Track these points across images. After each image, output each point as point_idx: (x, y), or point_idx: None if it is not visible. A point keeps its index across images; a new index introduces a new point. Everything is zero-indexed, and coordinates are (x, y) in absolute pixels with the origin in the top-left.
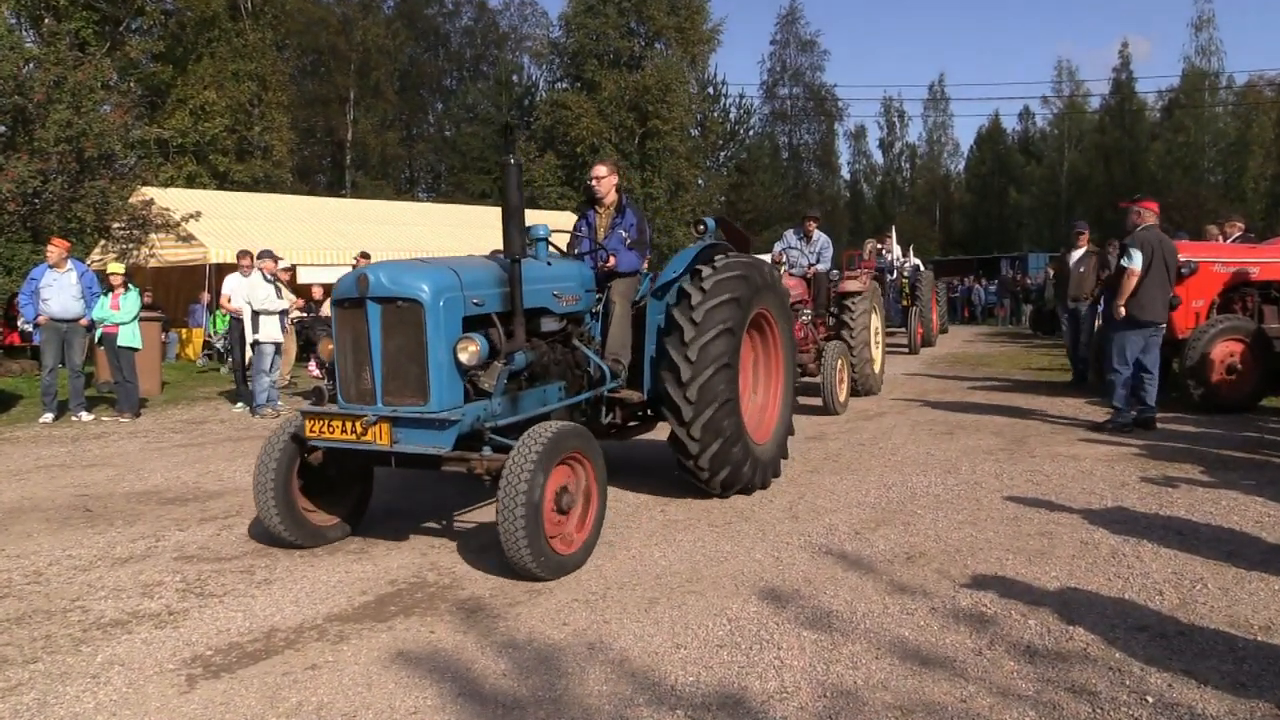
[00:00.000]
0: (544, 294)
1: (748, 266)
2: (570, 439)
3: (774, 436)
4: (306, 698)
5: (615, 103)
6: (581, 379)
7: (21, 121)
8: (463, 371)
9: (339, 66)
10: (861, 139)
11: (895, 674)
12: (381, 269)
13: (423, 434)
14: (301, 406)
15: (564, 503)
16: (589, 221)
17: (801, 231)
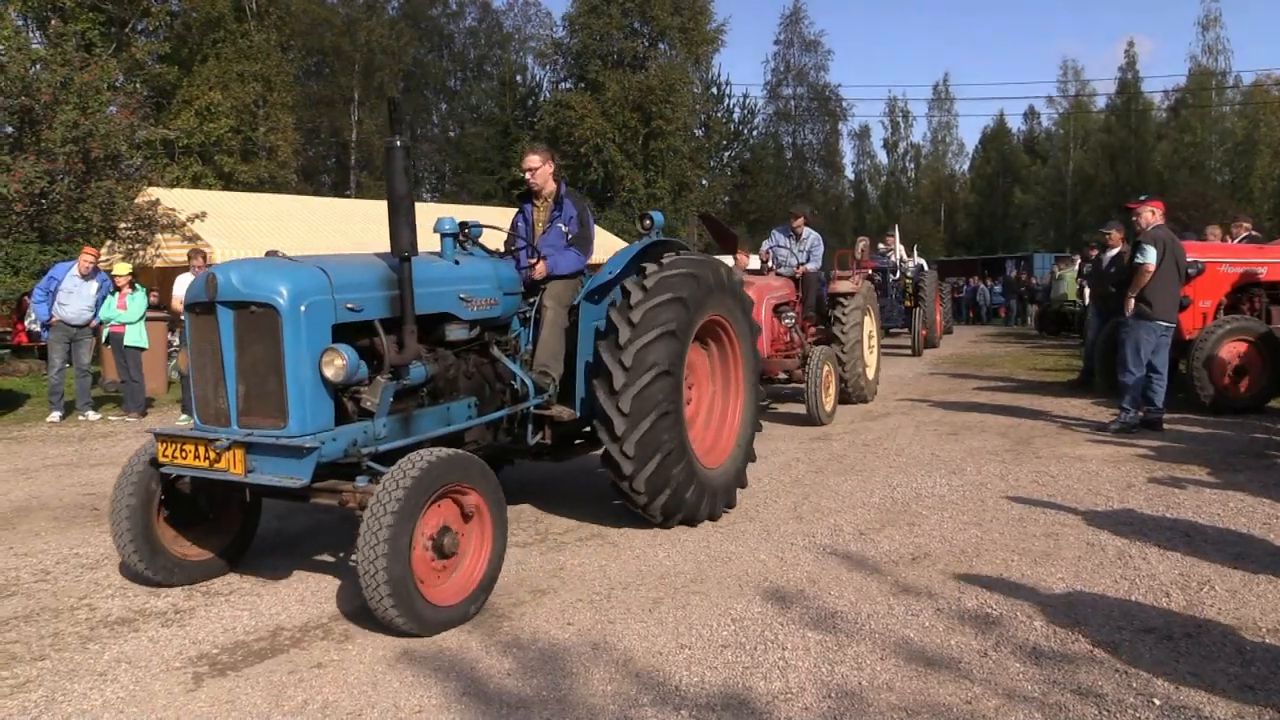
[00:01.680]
0: (447, 297)
1: (699, 265)
2: (452, 468)
3: (730, 462)
4: (312, 696)
5: (619, 103)
6: (502, 394)
7: (29, 122)
8: (334, 389)
9: (343, 67)
10: (866, 139)
11: (900, 675)
12: (234, 267)
13: (279, 462)
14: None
15: (445, 545)
16: (526, 217)
17: (789, 229)
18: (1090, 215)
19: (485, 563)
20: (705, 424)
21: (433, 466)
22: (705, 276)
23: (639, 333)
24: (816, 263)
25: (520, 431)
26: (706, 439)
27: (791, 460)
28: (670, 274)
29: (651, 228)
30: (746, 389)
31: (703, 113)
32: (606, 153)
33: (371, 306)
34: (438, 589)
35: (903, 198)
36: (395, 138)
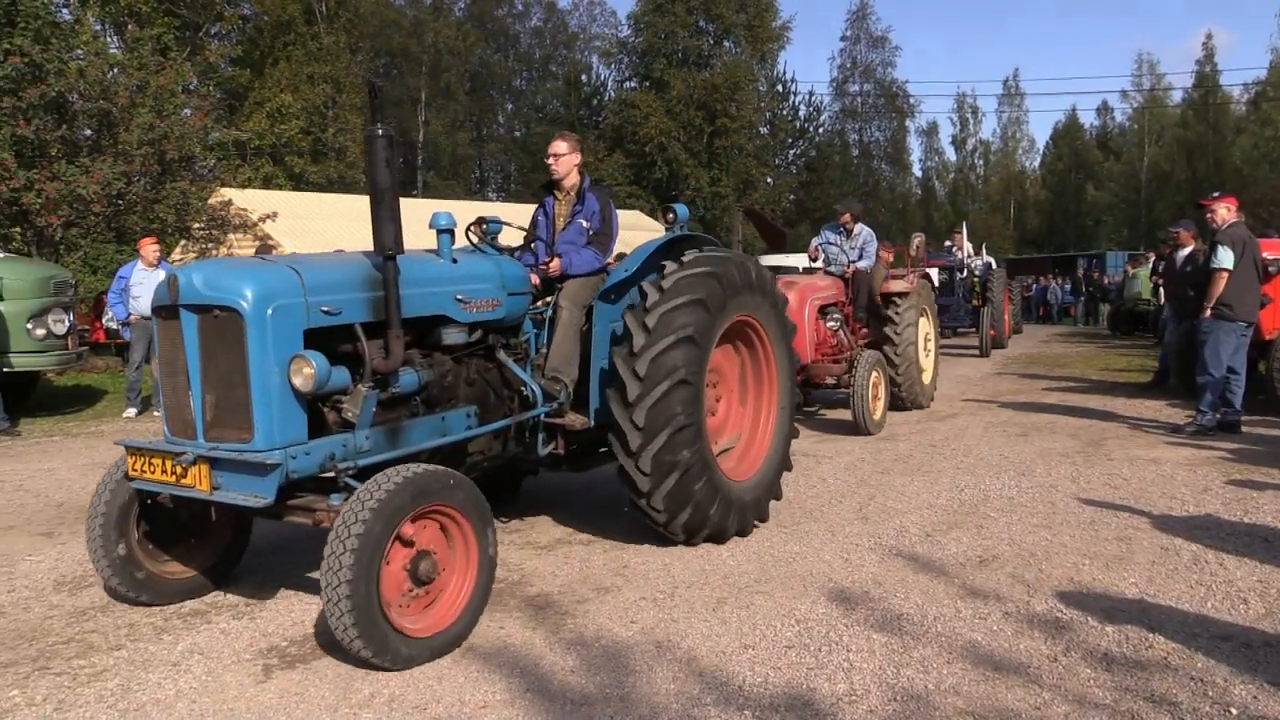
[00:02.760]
0: (442, 298)
1: (723, 263)
2: (429, 487)
3: (761, 474)
4: (378, 689)
5: (684, 101)
6: (509, 402)
7: (106, 125)
8: (307, 398)
9: (411, 68)
10: (934, 136)
11: (967, 679)
12: (198, 268)
13: (244, 479)
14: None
15: (422, 570)
16: (547, 210)
17: (840, 226)
18: (1166, 212)
19: (470, 590)
20: (734, 432)
21: (406, 484)
22: (729, 275)
23: (654, 339)
24: (869, 260)
25: (531, 441)
26: (735, 449)
27: (857, 460)
28: (690, 273)
29: (675, 221)
30: (780, 395)
31: (768, 110)
32: (671, 151)
33: (351, 309)
34: (414, 618)
35: (971, 195)
36: (377, 126)
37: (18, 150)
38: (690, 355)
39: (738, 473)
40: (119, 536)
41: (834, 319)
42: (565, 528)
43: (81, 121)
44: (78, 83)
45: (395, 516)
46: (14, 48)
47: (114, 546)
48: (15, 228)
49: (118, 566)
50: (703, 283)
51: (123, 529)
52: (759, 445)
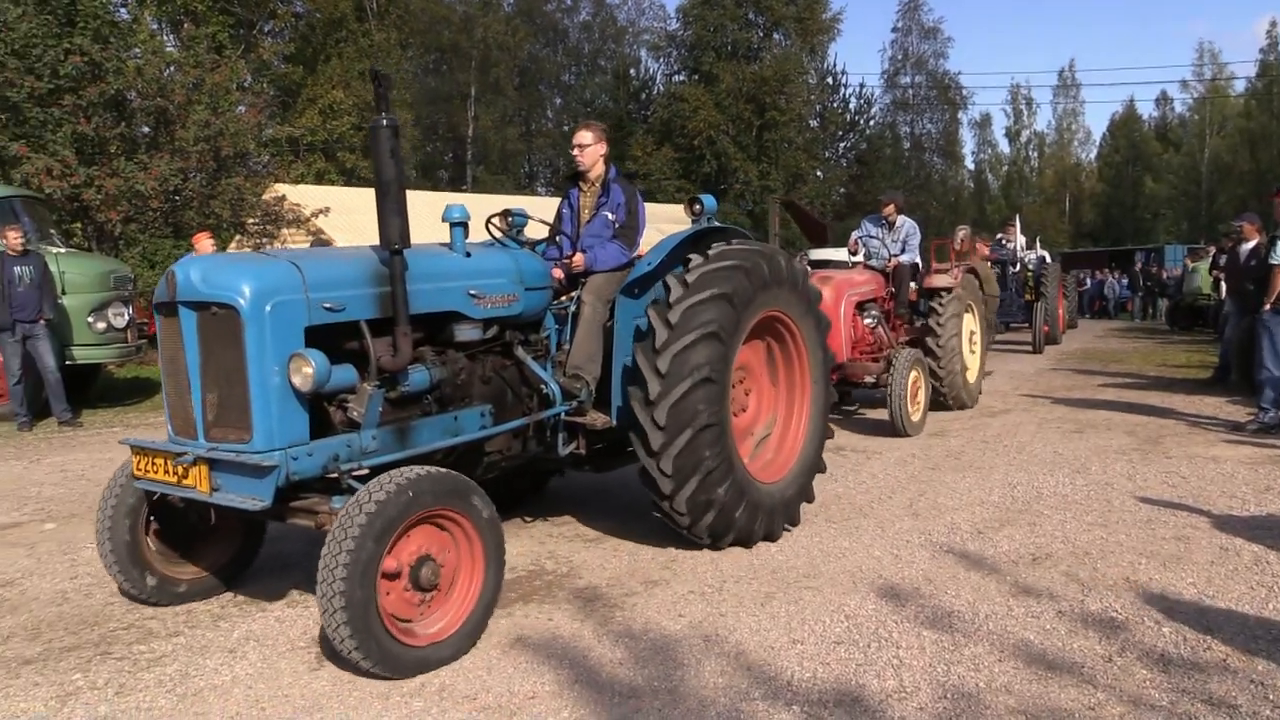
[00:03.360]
0: (454, 293)
1: (750, 256)
2: (432, 490)
3: (791, 475)
4: (429, 679)
5: (733, 94)
6: (528, 400)
7: (163, 122)
8: (312, 398)
9: (460, 64)
10: (987, 128)
11: (1019, 678)
12: (195, 264)
13: (242, 481)
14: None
15: (424, 576)
16: (571, 203)
17: (881, 218)
18: (1227, 204)
19: (475, 597)
20: (764, 431)
21: (406, 487)
22: (757, 268)
23: (677, 335)
24: (912, 254)
25: (552, 441)
26: (765, 450)
27: (907, 456)
28: (715, 267)
29: (702, 213)
30: (813, 394)
31: (818, 103)
32: (720, 145)
33: (356, 305)
34: (415, 626)
35: (1025, 188)
36: (382, 116)
37: (78, 148)
38: (714, 352)
39: (767, 474)
40: (128, 536)
41: (871, 315)
42: (613, 521)
43: (139, 119)
44: (136, 81)
45: (393, 522)
46: (74, 47)
47: (122, 546)
48: (76, 223)
49: (126, 566)
50: (728, 277)
51: (131, 529)
52: (790, 446)
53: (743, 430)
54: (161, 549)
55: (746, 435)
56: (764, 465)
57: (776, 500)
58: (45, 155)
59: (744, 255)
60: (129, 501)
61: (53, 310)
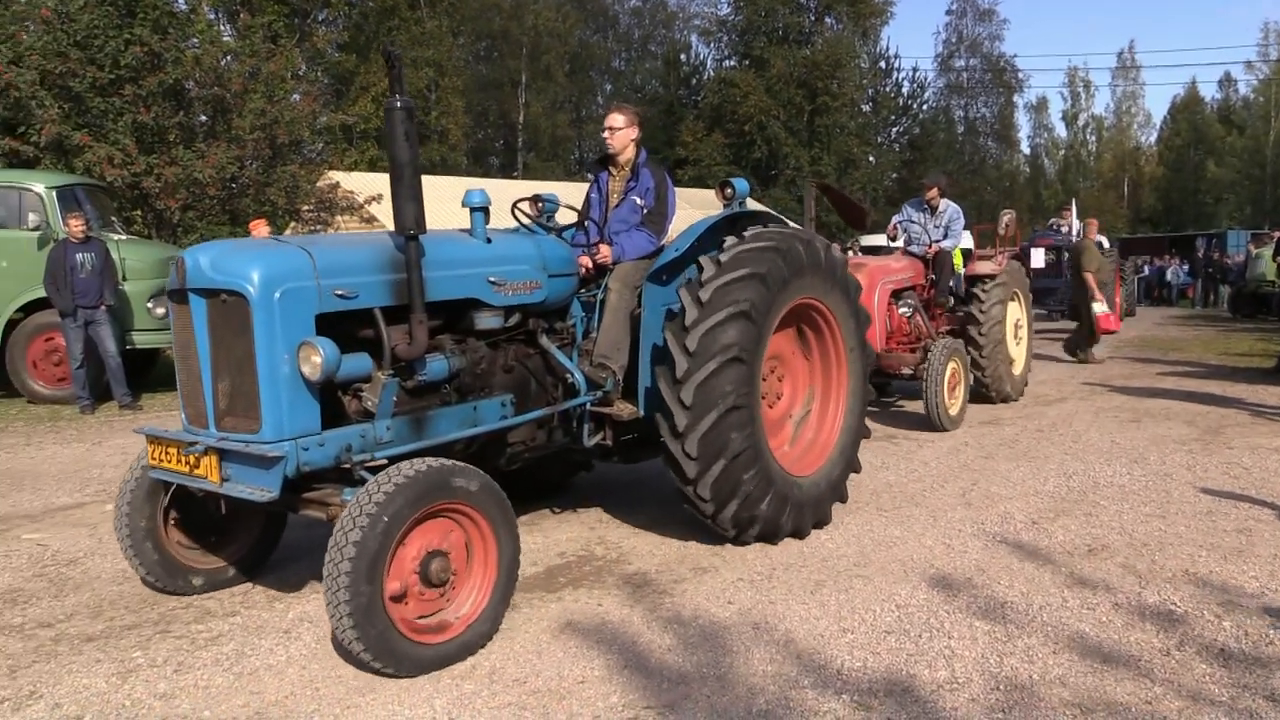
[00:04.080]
0: (473, 280)
1: (786, 239)
2: (443, 483)
3: (824, 471)
4: (480, 661)
5: (784, 79)
6: (553, 390)
7: (220, 111)
8: (318, 386)
9: (511, 51)
10: (1043, 111)
11: (1074, 670)
12: (205, 250)
13: (251, 472)
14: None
15: (434, 572)
16: (600, 187)
17: (922, 203)
18: None
19: (488, 593)
20: (797, 423)
21: (415, 480)
22: (793, 251)
23: (707, 313)
24: (955, 239)
25: (577, 431)
26: (798, 442)
27: (960, 444)
28: (750, 247)
29: (733, 197)
30: (851, 388)
31: (870, 87)
32: (770, 130)
33: (369, 293)
34: (425, 622)
35: (1082, 172)
36: (396, 98)
37: (138, 137)
38: (745, 332)
39: (798, 467)
40: (145, 526)
41: (906, 304)
42: (663, 508)
43: (197, 108)
44: (194, 70)
45: (400, 515)
46: (134, 37)
47: (140, 536)
48: (136, 210)
49: (144, 557)
50: (763, 257)
51: (149, 518)
52: (824, 440)
53: (775, 421)
54: (181, 539)
55: (780, 426)
56: (796, 458)
57: (807, 495)
58: (106, 144)
59: (780, 238)
60: (147, 490)
61: (114, 296)
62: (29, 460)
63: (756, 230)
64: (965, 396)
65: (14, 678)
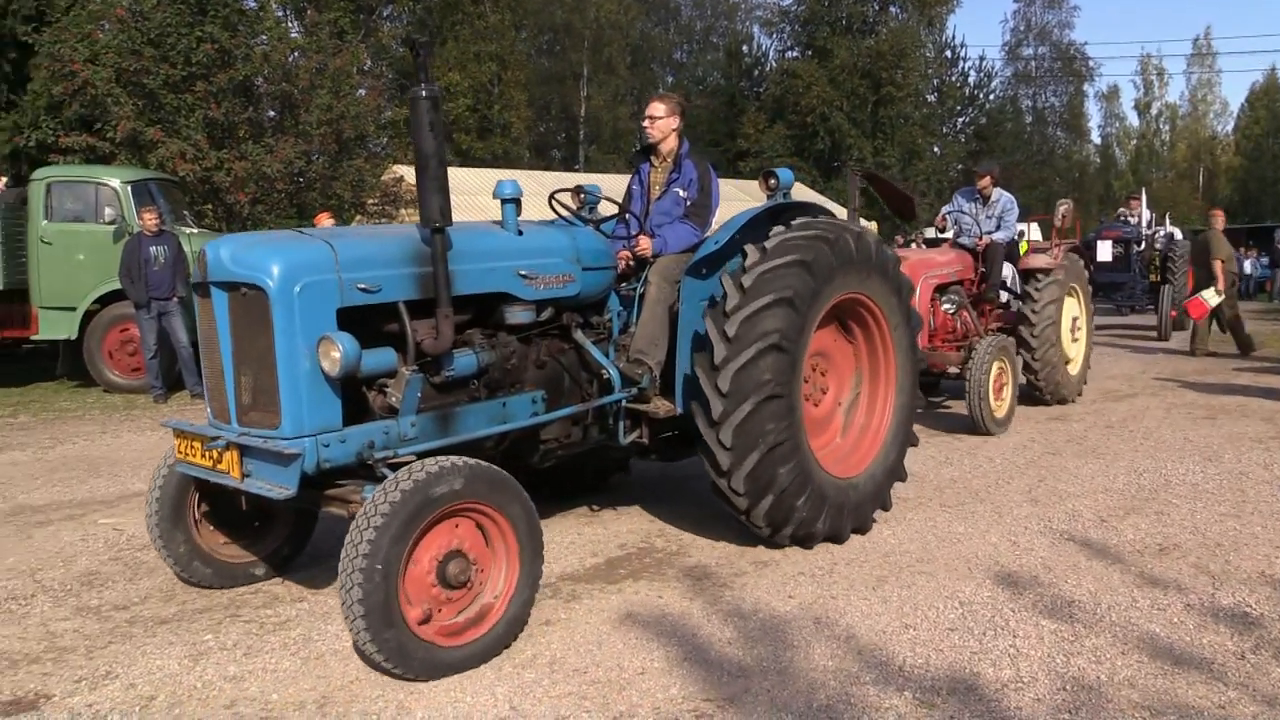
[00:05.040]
0: (503, 273)
1: (833, 229)
2: (462, 482)
3: (868, 474)
4: (541, 651)
5: (847, 70)
6: (588, 386)
7: (288, 106)
8: (338, 382)
9: (573, 44)
10: (1114, 100)
11: (1144, 672)
12: (226, 242)
13: (270, 468)
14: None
15: (451, 573)
16: (642, 179)
17: (974, 192)
18: None
19: (509, 596)
20: (842, 422)
21: (432, 479)
22: (841, 242)
23: (749, 299)
24: (1008, 231)
25: (614, 429)
26: (842, 443)
27: (1026, 440)
28: (796, 235)
29: (777, 188)
30: (899, 389)
31: (935, 77)
32: (833, 121)
33: (393, 286)
34: (443, 625)
35: (1155, 163)
36: (421, 87)
37: (209, 132)
38: (788, 319)
39: (841, 468)
40: (174, 519)
41: (949, 300)
42: None
43: (266, 104)
44: (263, 67)
45: (419, 513)
46: (205, 35)
47: (170, 528)
48: (207, 205)
49: (174, 550)
50: (809, 245)
51: (179, 509)
52: (869, 442)
53: (820, 419)
54: (211, 532)
55: (824, 424)
56: (839, 459)
57: (847, 497)
58: (179, 140)
59: (829, 227)
60: (176, 483)
61: (186, 288)
62: (105, 447)
63: (804, 220)
64: (1013, 398)
65: (91, 658)
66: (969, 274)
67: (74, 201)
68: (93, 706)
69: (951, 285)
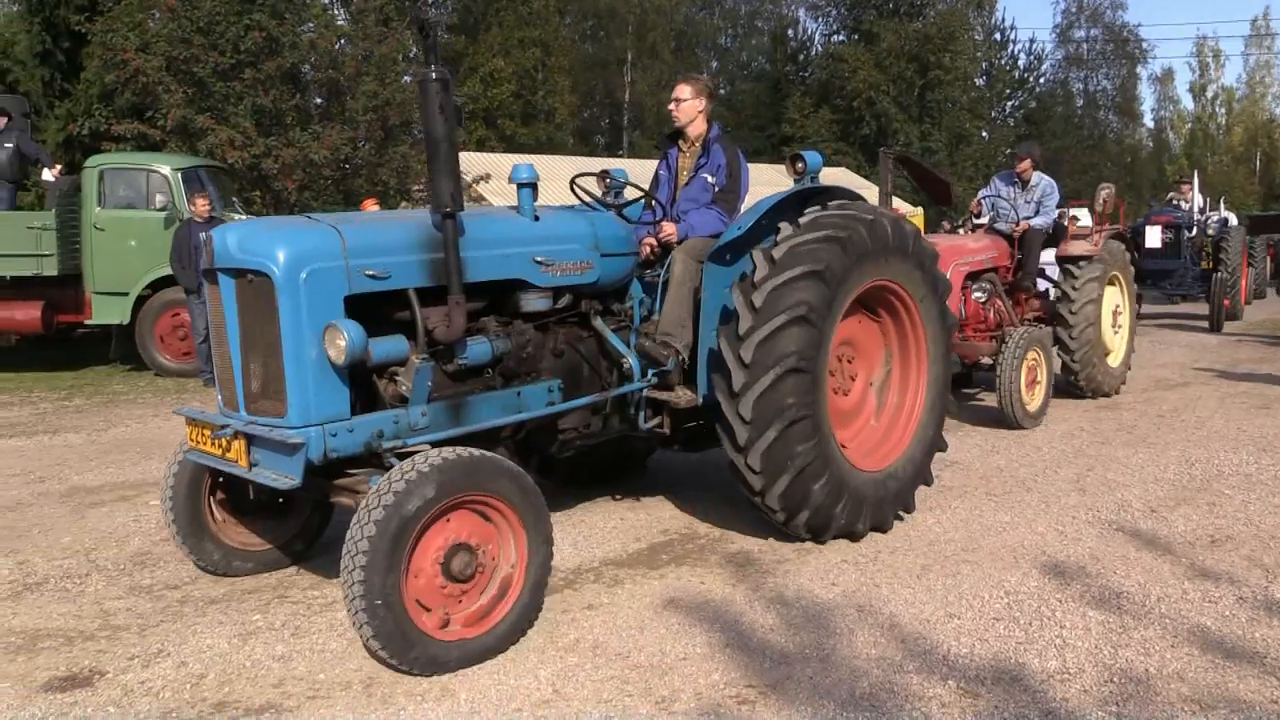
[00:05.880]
0: (518, 260)
1: (849, 223)
2: (467, 474)
3: (905, 459)
4: (583, 635)
5: (894, 53)
6: (608, 375)
7: (335, 94)
8: (355, 370)
9: (617, 30)
10: (1168, 83)
11: (1194, 665)
12: (233, 229)
13: (276, 458)
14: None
15: (457, 567)
16: (669, 163)
17: (1013, 176)
18: None
19: (518, 590)
20: (872, 414)
21: (436, 471)
22: (855, 237)
23: (762, 320)
24: (1048, 217)
25: (634, 418)
26: (873, 433)
27: (1075, 429)
28: (806, 239)
29: (804, 172)
30: (933, 368)
31: (984, 60)
32: (880, 106)
33: (403, 273)
34: (466, 615)
35: (1210, 147)
36: (430, 69)
37: (257, 119)
38: (805, 338)
39: (874, 460)
40: (190, 507)
41: (981, 289)
42: None
43: (313, 91)
44: (310, 54)
45: (419, 508)
46: (254, 23)
47: (185, 517)
48: (255, 191)
49: (188, 538)
50: (821, 251)
51: (194, 499)
52: (904, 428)
53: (846, 412)
54: (227, 520)
55: (852, 416)
56: (870, 449)
57: (887, 489)
58: (228, 127)
59: (840, 223)
60: (191, 471)
61: None
62: (157, 430)
63: (814, 216)
64: (1047, 391)
65: (143, 636)
66: (1004, 261)
67: (126, 188)
68: (145, 683)
69: (985, 273)
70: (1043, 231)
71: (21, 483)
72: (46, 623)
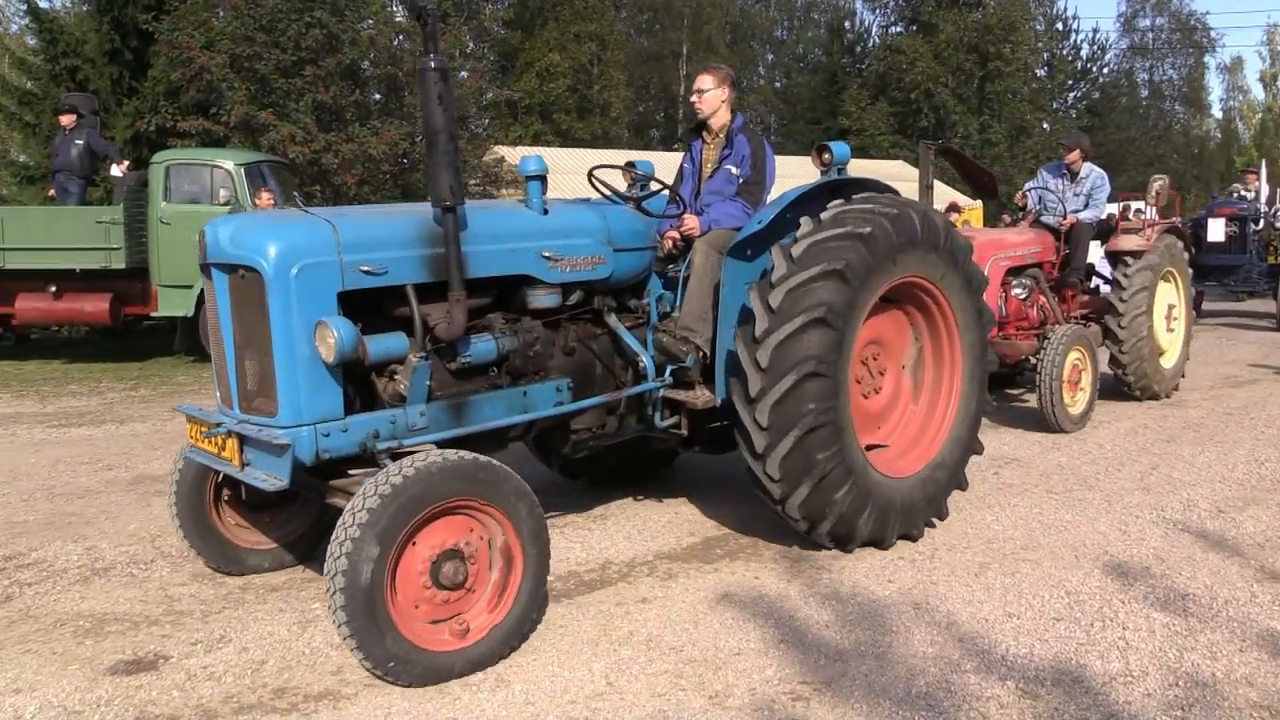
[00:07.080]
0: (525, 255)
1: (872, 217)
2: (457, 478)
3: (937, 463)
4: (637, 628)
5: (953, 45)
6: (623, 373)
7: (393, 89)
8: (340, 368)
9: (672, 23)
10: (1237, 72)
11: (1263, 670)
12: (226, 223)
13: (265, 457)
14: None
15: (446, 574)
16: (693, 156)
17: (1062, 167)
18: None
19: (511, 599)
20: (902, 415)
21: (422, 474)
22: (879, 232)
23: (779, 322)
24: (1097, 210)
25: (651, 418)
26: (903, 436)
27: (1138, 426)
28: (826, 236)
29: (831, 163)
30: (967, 367)
31: (1045, 51)
32: (939, 98)
33: (400, 268)
34: (437, 628)
35: None
36: (430, 58)
37: (317, 115)
38: (824, 341)
39: (904, 465)
40: (195, 504)
41: (1021, 285)
42: None
43: (372, 86)
44: (369, 51)
45: (409, 510)
46: (314, 20)
47: (190, 514)
48: (316, 186)
49: (194, 536)
50: (842, 249)
51: (198, 495)
52: (935, 430)
53: (871, 415)
54: (234, 518)
55: (876, 422)
56: (900, 453)
57: (917, 495)
58: (289, 123)
59: (863, 217)
60: (196, 468)
61: None
62: None
63: (836, 210)
64: (1093, 393)
65: (206, 622)
66: (1049, 255)
67: (191, 183)
68: (208, 668)
69: (1027, 268)
70: (1091, 225)
71: (90, 470)
72: (113, 607)
